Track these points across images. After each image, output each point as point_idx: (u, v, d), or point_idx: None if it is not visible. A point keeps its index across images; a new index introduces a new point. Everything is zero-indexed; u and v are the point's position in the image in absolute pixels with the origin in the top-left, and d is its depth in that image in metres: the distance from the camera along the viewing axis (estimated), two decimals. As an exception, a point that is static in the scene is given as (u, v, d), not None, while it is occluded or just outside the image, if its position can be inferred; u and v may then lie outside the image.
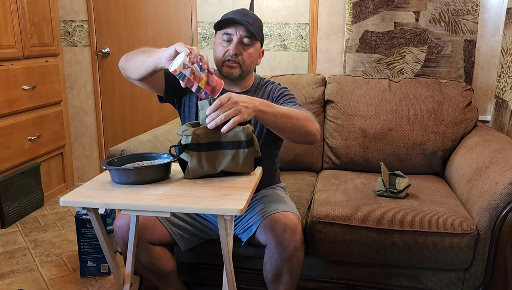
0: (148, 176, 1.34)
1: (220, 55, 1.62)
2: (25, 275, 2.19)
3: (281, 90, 1.73)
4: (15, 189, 2.78)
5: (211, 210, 1.16)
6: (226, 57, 1.61)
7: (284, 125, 1.44)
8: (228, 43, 1.60)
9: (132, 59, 1.51)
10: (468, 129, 2.29)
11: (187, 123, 1.43)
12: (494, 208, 1.64)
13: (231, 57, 1.60)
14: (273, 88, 1.74)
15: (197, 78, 1.36)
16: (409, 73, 2.75)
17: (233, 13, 1.62)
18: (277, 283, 1.59)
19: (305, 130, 1.48)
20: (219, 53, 1.62)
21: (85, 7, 3.19)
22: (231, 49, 1.59)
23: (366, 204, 1.79)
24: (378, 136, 2.28)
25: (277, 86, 1.75)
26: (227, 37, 1.60)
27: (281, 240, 1.51)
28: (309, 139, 1.52)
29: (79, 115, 3.39)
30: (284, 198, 1.72)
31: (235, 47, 1.59)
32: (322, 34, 2.88)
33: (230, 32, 1.59)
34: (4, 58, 2.69)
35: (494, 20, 2.61)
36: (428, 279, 1.77)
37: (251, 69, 1.68)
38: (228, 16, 1.61)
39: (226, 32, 1.60)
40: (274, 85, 1.76)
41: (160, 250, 1.68)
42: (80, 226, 2.11)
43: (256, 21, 1.63)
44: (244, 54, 1.61)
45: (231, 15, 1.61)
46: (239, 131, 1.35)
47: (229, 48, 1.60)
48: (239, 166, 1.38)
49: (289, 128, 1.45)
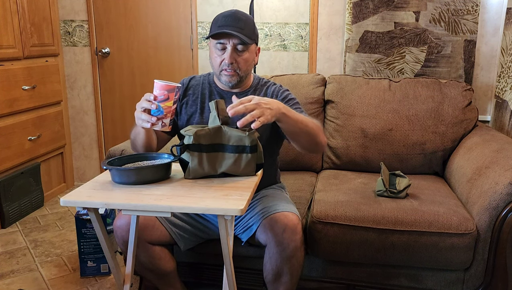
0: (148, 176, 1.34)
1: (217, 64, 1.63)
2: (25, 275, 2.19)
3: (285, 94, 1.72)
4: (15, 189, 2.78)
5: (211, 210, 1.16)
6: (223, 66, 1.62)
7: (300, 132, 1.49)
8: (223, 52, 1.61)
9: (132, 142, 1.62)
10: (468, 129, 2.29)
11: (193, 125, 1.44)
12: (494, 208, 1.64)
13: (227, 66, 1.61)
14: (275, 90, 1.74)
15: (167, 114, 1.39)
16: (409, 73, 2.75)
17: (224, 19, 1.59)
18: (277, 283, 1.59)
19: (316, 140, 1.54)
20: (215, 62, 1.64)
21: (85, 7, 3.19)
22: (226, 58, 1.60)
23: (366, 204, 1.79)
24: (378, 136, 2.28)
25: (279, 88, 1.75)
26: (221, 46, 1.60)
27: (281, 240, 1.51)
28: (317, 149, 1.58)
29: (79, 115, 3.39)
30: (284, 198, 1.72)
31: (229, 56, 1.59)
32: (322, 34, 2.88)
33: (223, 41, 1.59)
34: (4, 58, 2.69)
35: (494, 20, 2.62)
36: (428, 279, 1.77)
37: (249, 72, 1.68)
38: (219, 23, 1.59)
39: (219, 42, 1.60)
40: (276, 87, 1.75)
41: (160, 250, 1.68)
42: (80, 226, 2.11)
43: (247, 24, 1.61)
44: (240, 60, 1.61)
45: (222, 22, 1.59)
46: (244, 137, 1.35)
47: (224, 57, 1.60)
48: (240, 170, 1.38)
49: (304, 135, 1.51)
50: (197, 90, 1.74)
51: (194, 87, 1.74)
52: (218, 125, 1.38)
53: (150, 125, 1.37)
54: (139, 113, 1.38)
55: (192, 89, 1.74)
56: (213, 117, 1.43)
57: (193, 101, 1.72)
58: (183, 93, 1.74)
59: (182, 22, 3.12)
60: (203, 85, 1.74)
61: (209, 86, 1.74)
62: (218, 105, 1.44)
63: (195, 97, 1.73)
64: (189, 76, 1.80)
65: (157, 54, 3.20)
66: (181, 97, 1.73)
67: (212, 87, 1.73)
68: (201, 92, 1.73)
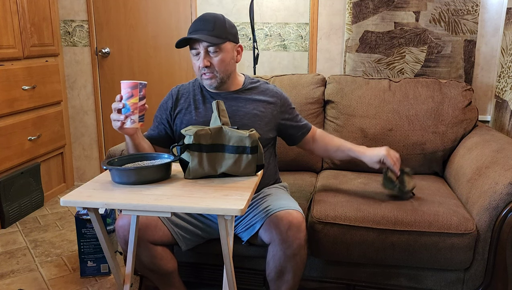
0: (148, 176, 1.34)
1: (196, 70, 1.68)
2: (25, 275, 2.19)
3: (288, 102, 1.83)
4: (15, 189, 2.78)
5: (211, 210, 1.16)
6: (201, 71, 1.65)
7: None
8: (198, 57, 1.64)
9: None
10: (468, 130, 2.29)
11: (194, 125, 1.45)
12: (494, 208, 1.64)
13: (204, 71, 1.64)
14: (274, 90, 1.80)
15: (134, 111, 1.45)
16: (409, 73, 2.75)
17: (194, 25, 1.63)
18: (279, 281, 1.59)
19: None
20: (195, 68, 1.68)
21: (85, 7, 3.19)
22: (200, 62, 1.63)
23: (366, 204, 1.79)
24: (378, 136, 2.28)
25: (278, 91, 1.81)
26: (195, 52, 1.64)
27: (286, 238, 1.51)
28: None
29: (79, 115, 3.39)
30: (287, 196, 1.73)
31: (202, 60, 1.62)
32: (322, 34, 2.88)
33: (195, 46, 1.63)
34: (4, 58, 2.69)
35: (494, 20, 2.62)
36: (428, 279, 1.77)
37: (230, 71, 1.69)
38: (190, 30, 1.64)
39: (193, 48, 1.63)
40: (273, 88, 1.80)
41: (161, 250, 1.68)
42: (80, 226, 2.11)
43: (217, 24, 1.61)
44: (214, 62, 1.63)
45: (191, 28, 1.64)
46: (245, 137, 1.35)
47: (199, 61, 1.63)
48: (240, 170, 1.38)
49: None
50: (188, 98, 1.76)
51: (185, 96, 1.77)
52: (219, 126, 1.39)
53: (121, 124, 1.44)
54: (111, 115, 1.47)
55: (183, 98, 1.77)
56: (214, 118, 1.43)
57: (186, 109, 1.74)
58: (174, 104, 1.77)
59: (182, 22, 3.12)
60: (194, 91, 1.77)
61: (201, 90, 1.76)
62: (218, 106, 1.45)
63: (187, 105, 1.75)
64: (177, 85, 1.82)
65: (157, 54, 3.20)
66: (173, 106, 1.77)
67: (204, 91, 1.76)
68: (193, 99, 1.75)
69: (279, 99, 1.78)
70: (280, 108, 1.78)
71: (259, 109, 1.73)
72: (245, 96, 1.74)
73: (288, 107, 1.82)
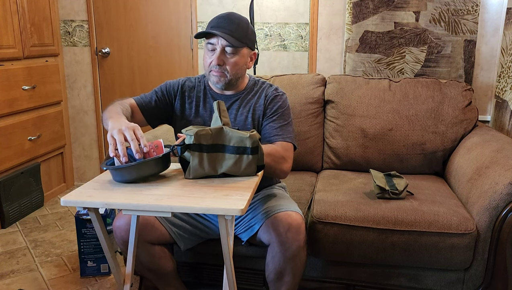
0: (149, 169, 1.34)
1: (207, 65, 1.64)
2: (25, 275, 2.19)
3: (276, 104, 1.69)
4: (15, 189, 2.78)
5: (212, 210, 1.16)
6: (212, 67, 1.62)
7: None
8: (213, 53, 1.61)
9: (104, 120, 1.54)
10: (468, 129, 2.29)
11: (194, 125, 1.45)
12: (494, 208, 1.64)
13: (215, 68, 1.61)
14: (270, 95, 1.71)
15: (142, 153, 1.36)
16: (409, 73, 2.75)
17: (217, 20, 1.60)
18: (279, 283, 1.59)
19: (273, 173, 1.60)
20: (206, 62, 1.64)
21: (85, 7, 3.19)
22: (214, 59, 1.60)
23: (366, 204, 1.79)
24: (378, 136, 2.28)
25: (273, 93, 1.71)
26: (211, 47, 1.61)
27: (285, 240, 1.51)
28: (277, 176, 1.66)
29: (79, 115, 3.39)
30: (287, 198, 1.73)
31: (217, 58, 1.59)
32: (322, 34, 2.88)
33: (213, 42, 1.59)
34: (4, 58, 2.69)
35: (494, 20, 2.62)
36: (428, 279, 1.77)
37: (240, 76, 1.67)
38: (212, 24, 1.60)
39: (210, 42, 1.60)
40: (271, 92, 1.71)
41: (160, 250, 1.68)
42: (80, 226, 2.11)
43: (240, 27, 1.60)
44: (228, 63, 1.61)
45: (215, 23, 1.60)
46: (246, 138, 1.36)
47: (213, 58, 1.60)
48: (240, 171, 1.38)
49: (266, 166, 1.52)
50: (192, 93, 1.74)
51: (189, 90, 1.75)
52: (219, 126, 1.39)
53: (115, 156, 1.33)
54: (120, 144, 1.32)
55: (187, 92, 1.75)
56: (215, 118, 1.44)
57: (189, 104, 1.73)
58: (180, 93, 1.74)
59: (182, 22, 3.12)
60: (198, 88, 1.75)
61: (204, 89, 1.74)
62: (219, 106, 1.45)
63: (190, 100, 1.74)
64: (185, 77, 1.80)
65: (157, 54, 3.20)
66: (176, 94, 1.74)
67: (207, 90, 1.74)
68: (196, 96, 1.74)
69: (268, 104, 1.70)
70: (264, 110, 1.70)
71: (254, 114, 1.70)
72: (245, 98, 1.73)
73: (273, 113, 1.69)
